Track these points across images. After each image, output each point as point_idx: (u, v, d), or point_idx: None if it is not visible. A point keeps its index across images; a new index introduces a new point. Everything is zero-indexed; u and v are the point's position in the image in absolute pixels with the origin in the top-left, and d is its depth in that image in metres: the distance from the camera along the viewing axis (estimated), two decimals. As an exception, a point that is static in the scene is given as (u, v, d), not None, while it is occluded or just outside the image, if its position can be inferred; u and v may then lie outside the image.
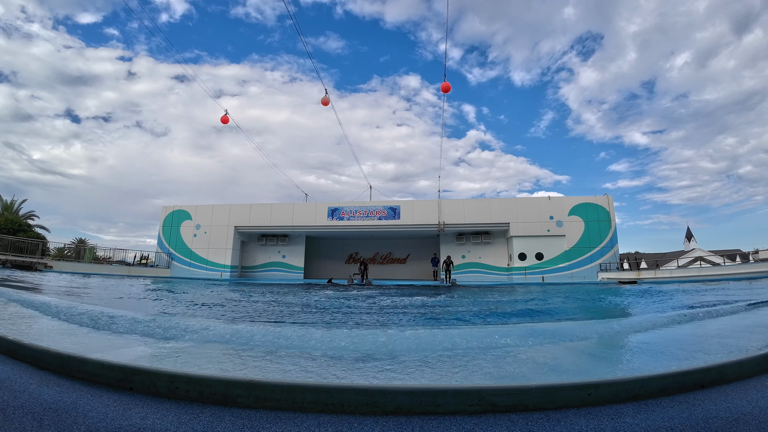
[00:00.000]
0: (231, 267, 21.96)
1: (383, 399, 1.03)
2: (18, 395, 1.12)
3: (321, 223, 21.89)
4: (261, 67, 69.16)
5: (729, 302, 5.52)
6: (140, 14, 39.33)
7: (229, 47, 70.45)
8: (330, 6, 65.01)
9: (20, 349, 1.45)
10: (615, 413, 1.01)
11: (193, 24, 64.23)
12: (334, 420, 0.99)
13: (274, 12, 63.32)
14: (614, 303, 8.40)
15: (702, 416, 0.99)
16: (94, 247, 25.14)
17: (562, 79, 67.52)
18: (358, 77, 73.83)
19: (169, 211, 23.23)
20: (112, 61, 60.13)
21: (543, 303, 8.11)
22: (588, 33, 62.20)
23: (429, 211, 21.14)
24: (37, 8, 53.69)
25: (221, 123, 16.31)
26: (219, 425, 0.97)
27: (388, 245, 25.60)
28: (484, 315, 6.04)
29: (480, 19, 66.69)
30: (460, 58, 65.08)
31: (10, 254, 17.88)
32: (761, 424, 0.97)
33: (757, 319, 3.71)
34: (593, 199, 19.87)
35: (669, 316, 4.38)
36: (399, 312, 6.35)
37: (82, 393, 1.14)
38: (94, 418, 0.99)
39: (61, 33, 56.19)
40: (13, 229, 22.82)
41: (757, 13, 55.30)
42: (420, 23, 65.22)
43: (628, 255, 32.43)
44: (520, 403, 1.03)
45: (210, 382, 1.10)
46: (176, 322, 3.66)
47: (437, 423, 0.98)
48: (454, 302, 8.37)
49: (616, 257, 19.21)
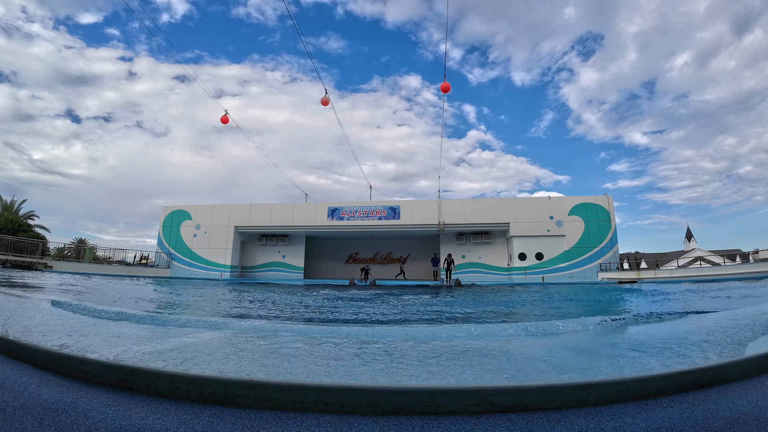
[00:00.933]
0: (231, 267, 21.96)
1: (383, 399, 1.03)
2: (18, 395, 1.12)
3: (321, 223, 21.89)
4: (261, 67, 69.25)
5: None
6: (141, 14, 39.34)
7: (230, 47, 70.58)
8: (331, 6, 65.10)
9: (20, 349, 1.45)
10: (615, 413, 1.01)
11: (194, 24, 64.35)
12: (334, 420, 0.99)
13: (275, 12, 63.41)
14: (615, 303, 8.40)
15: (702, 416, 0.99)
16: (94, 247, 25.15)
17: (562, 79, 67.62)
18: (359, 77, 73.92)
19: (169, 211, 23.23)
20: (113, 61, 60.25)
21: (556, 304, 8.11)
22: (588, 33, 62.29)
23: (429, 211, 21.14)
24: (37, 8, 53.78)
25: (221, 123, 16.32)
26: (219, 425, 0.97)
27: (388, 245, 25.60)
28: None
29: (481, 19, 66.78)
30: (461, 58, 65.18)
31: (10, 254, 17.89)
32: (761, 424, 0.97)
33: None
34: (593, 199, 19.87)
35: (669, 316, 4.38)
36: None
37: (82, 393, 1.14)
38: (94, 418, 0.99)
39: (62, 33, 56.30)
40: (13, 229, 22.82)
41: (757, 14, 55.37)
42: (421, 23, 65.29)
43: (628, 255, 32.45)
44: (520, 403, 1.03)
45: (210, 382, 1.10)
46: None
47: (437, 423, 0.98)
48: (449, 305, 8.36)
49: (616, 257, 19.22)
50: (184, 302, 8.04)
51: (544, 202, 20.31)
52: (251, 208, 22.66)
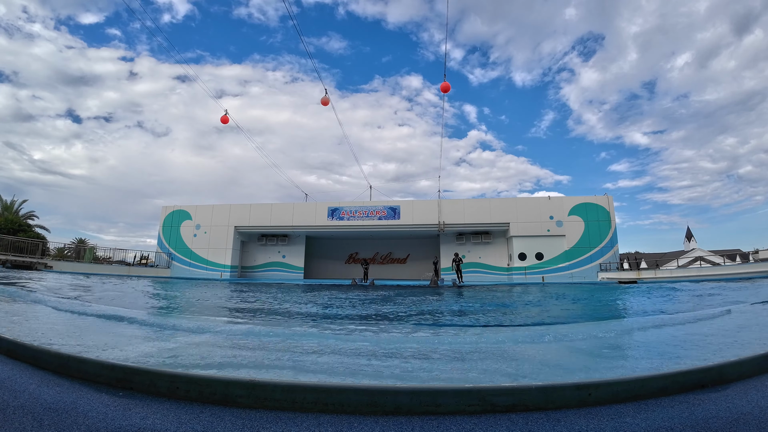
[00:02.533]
0: (231, 267, 21.96)
1: (383, 399, 1.03)
2: (18, 395, 1.12)
3: (321, 223, 21.89)
4: (263, 67, 69.22)
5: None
6: (142, 15, 39.31)
7: (231, 47, 70.52)
8: (332, 6, 65.07)
9: (20, 349, 1.45)
10: (615, 413, 1.01)
11: (195, 25, 64.32)
12: (334, 420, 0.99)
13: (277, 13, 63.36)
14: (615, 302, 8.40)
15: (702, 416, 0.99)
16: (94, 247, 25.14)
17: (563, 79, 67.61)
18: (360, 77, 73.90)
19: (169, 211, 23.23)
20: (114, 62, 60.22)
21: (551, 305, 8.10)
22: (589, 34, 62.29)
23: (429, 211, 21.14)
24: (39, 8, 53.74)
25: (221, 123, 16.31)
26: (219, 425, 0.97)
27: (388, 245, 25.60)
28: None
29: (482, 19, 66.73)
30: (462, 58, 65.16)
31: (10, 254, 17.89)
32: (761, 424, 0.97)
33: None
34: (593, 199, 19.87)
35: (669, 316, 4.38)
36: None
37: (82, 393, 1.14)
38: (94, 418, 0.99)
39: (63, 33, 56.27)
40: (13, 229, 22.83)
41: (758, 14, 55.40)
42: (422, 24, 65.26)
43: (628, 255, 32.45)
44: (520, 403, 1.03)
45: (210, 382, 1.10)
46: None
47: (437, 423, 0.98)
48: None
49: (616, 257, 19.21)
50: (190, 303, 8.04)
51: (544, 202, 20.30)
52: (251, 208, 22.66)
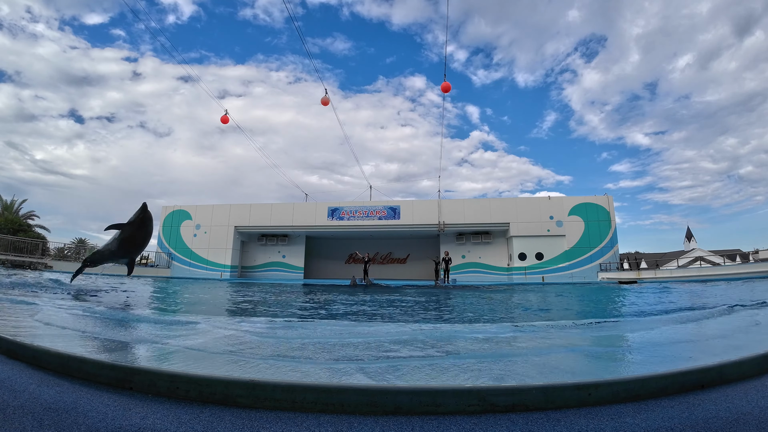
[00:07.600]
0: (231, 267, 21.97)
1: (383, 399, 1.03)
2: (18, 395, 1.12)
3: (321, 223, 21.89)
4: (266, 67, 69.04)
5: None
6: (146, 16, 39.33)
7: (235, 48, 70.34)
8: (337, 8, 64.89)
9: (20, 349, 1.45)
10: (615, 413, 1.01)
11: (200, 26, 64.07)
12: (334, 420, 0.99)
13: (282, 14, 63.24)
14: (615, 302, 8.40)
15: (702, 416, 0.99)
16: (94, 247, 25.16)
17: (565, 80, 67.38)
18: (364, 78, 73.69)
19: (169, 211, 23.24)
20: (118, 62, 60.03)
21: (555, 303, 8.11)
22: (592, 35, 62.10)
23: (429, 211, 21.14)
24: (42, 9, 53.61)
25: (221, 123, 16.32)
26: (219, 425, 0.97)
27: (388, 245, 25.59)
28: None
29: (486, 21, 66.58)
30: (465, 59, 64.99)
31: (10, 254, 17.90)
32: (761, 424, 0.97)
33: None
34: (593, 199, 19.88)
35: (669, 316, 4.38)
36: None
37: (82, 393, 1.14)
38: (94, 418, 0.99)
39: (67, 33, 56.16)
40: (13, 229, 22.82)
41: (758, 16, 55.38)
42: (426, 25, 65.03)
43: (628, 255, 32.47)
44: (520, 403, 1.03)
45: (210, 382, 1.10)
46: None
47: (437, 423, 0.98)
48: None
49: (616, 257, 19.22)
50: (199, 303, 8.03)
51: (544, 202, 20.31)
52: (251, 208, 22.67)
